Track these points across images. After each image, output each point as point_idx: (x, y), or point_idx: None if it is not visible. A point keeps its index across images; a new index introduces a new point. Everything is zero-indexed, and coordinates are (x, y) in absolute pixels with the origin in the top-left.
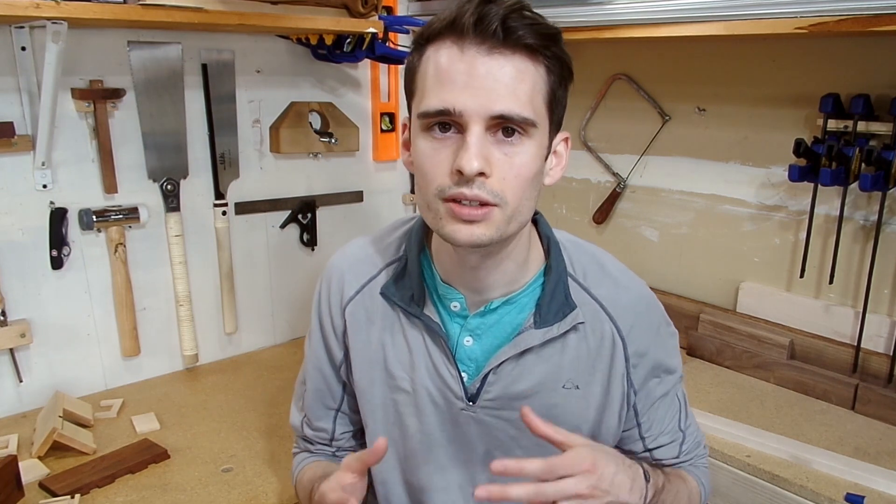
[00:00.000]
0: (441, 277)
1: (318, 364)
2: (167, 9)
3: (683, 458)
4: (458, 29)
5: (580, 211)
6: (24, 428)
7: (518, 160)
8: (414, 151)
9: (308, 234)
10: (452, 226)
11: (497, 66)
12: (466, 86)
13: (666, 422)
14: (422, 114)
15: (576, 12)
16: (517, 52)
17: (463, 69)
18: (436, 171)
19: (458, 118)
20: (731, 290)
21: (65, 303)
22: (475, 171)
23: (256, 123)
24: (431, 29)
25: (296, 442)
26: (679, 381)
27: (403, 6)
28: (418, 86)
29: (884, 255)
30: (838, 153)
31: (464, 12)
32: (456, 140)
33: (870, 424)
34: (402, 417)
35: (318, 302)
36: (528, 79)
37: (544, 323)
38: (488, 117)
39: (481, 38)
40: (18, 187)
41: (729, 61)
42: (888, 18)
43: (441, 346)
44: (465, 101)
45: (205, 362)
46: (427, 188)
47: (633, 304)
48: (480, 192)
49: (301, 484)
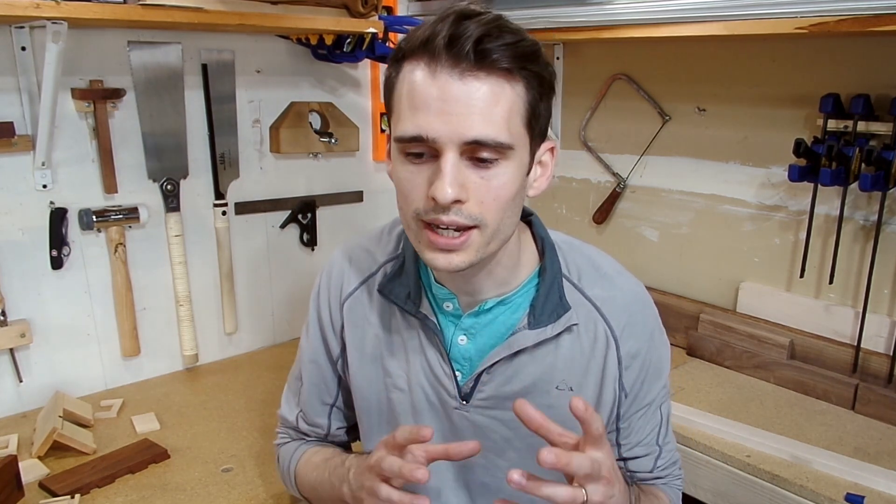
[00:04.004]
0: (434, 278)
1: (315, 357)
2: (167, 9)
3: (658, 473)
4: (430, 50)
5: (580, 211)
6: (24, 428)
7: (495, 182)
8: (393, 171)
9: (308, 234)
10: (431, 253)
11: (470, 90)
12: (440, 111)
13: (645, 432)
14: (397, 138)
15: (576, 12)
16: (492, 73)
17: (435, 94)
18: (413, 194)
19: (431, 144)
20: (731, 290)
21: (65, 303)
22: (449, 199)
23: (256, 123)
24: (407, 45)
25: (283, 433)
26: (666, 395)
27: (403, 6)
28: (395, 105)
29: (884, 255)
30: (838, 153)
31: (437, 32)
32: (431, 165)
33: (870, 424)
34: (396, 417)
35: (316, 295)
36: (505, 101)
37: (538, 324)
38: (462, 143)
39: (454, 60)
40: (18, 187)
41: (729, 61)
42: (888, 18)
43: (436, 345)
44: (438, 128)
45: (205, 362)
46: (406, 209)
47: (627, 305)
48: (457, 218)
49: (307, 467)
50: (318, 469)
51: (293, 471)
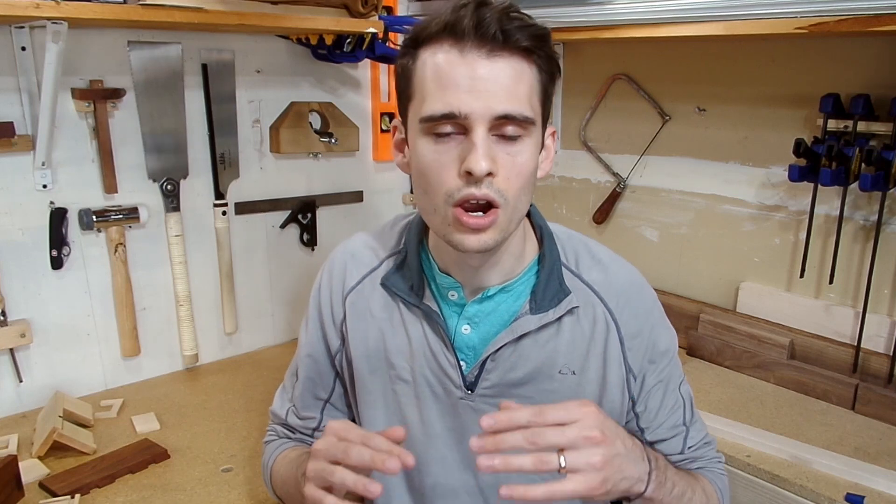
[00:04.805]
0: (439, 267)
1: (312, 352)
2: (167, 9)
3: (690, 455)
4: (457, 33)
5: (580, 211)
6: (24, 428)
7: (520, 159)
8: (414, 155)
9: (308, 234)
10: (460, 235)
11: (497, 68)
12: (470, 89)
13: (666, 413)
14: (425, 118)
15: (576, 12)
16: (514, 53)
17: (465, 72)
18: (442, 174)
19: (462, 121)
20: (731, 290)
21: (65, 303)
22: (484, 171)
23: (256, 123)
24: (426, 32)
25: (272, 430)
26: (681, 375)
27: (403, 6)
28: (416, 90)
29: (884, 255)
30: (838, 153)
31: (462, 16)
32: (460, 142)
33: (870, 424)
34: (402, 408)
35: (318, 290)
36: (526, 79)
37: (539, 309)
38: (492, 118)
39: (480, 41)
40: (18, 187)
41: (729, 61)
42: (888, 18)
43: (440, 335)
44: (471, 104)
45: (205, 362)
46: (434, 193)
47: (623, 287)
48: (489, 192)
49: (282, 462)
50: (291, 464)
51: (270, 467)
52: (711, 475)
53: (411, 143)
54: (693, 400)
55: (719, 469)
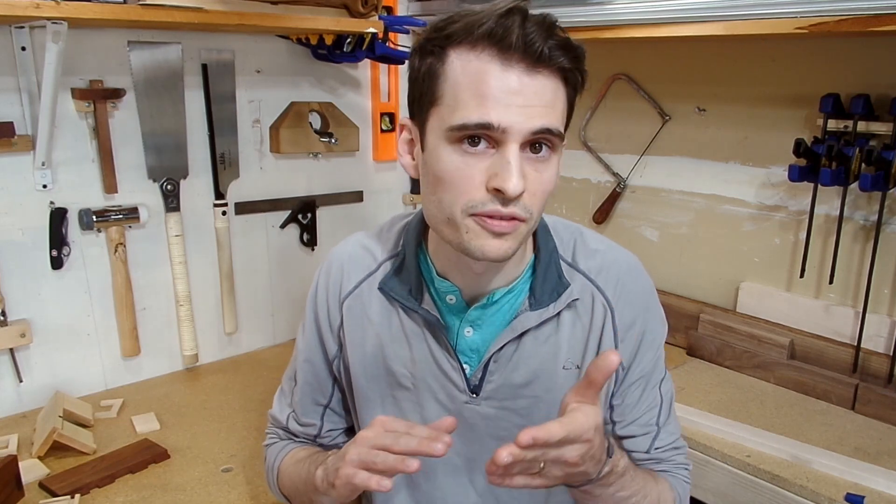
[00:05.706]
0: (437, 271)
1: (310, 357)
2: (167, 9)
3: (655, 455)
4: (503, 44)
5: (580, 211)
6: (24, 428)
7: (546, 175)
8: (433, 161)
9: (308, 234)
10: (481, 240)
11: (538, 83)
12: (511, 103)
13: (641, 410)
14: (457, 126)
15: (576, 12)
16: (553, 71)
17: (507, 86)
18: (466, 184)
19: (497, 134)
20: (731, 290)
21: (65, 303)
22: (518, 192)
23: (256, 123)
24: (458, 33)
25: (272, 434)
26: (664, 373)
27: (403, 6)
28: (445, 94)
29: (884, 255)
30: (838, 153)
31: (509, 28)
32: (489, 154)
33: (870, 424)
34: (403, 414)
35: (314, 294)
36: (560, 96)
37: (539, 304)
38: (529, 133)
39: (524, 55)
40: (18, 187)
41: (729, 61)
42: (888, 18)
43: (441, 339)
44: (512, 118)
45: (205, 362)
46: (453, 203)
47: (620, 273)
48: (516, 210)
49: (290, 461)
50: (301, 463)
51: (277, 468)
52: (674, 480)
53: (431, 148)
54: (673, 400)
55: (683, 476)
